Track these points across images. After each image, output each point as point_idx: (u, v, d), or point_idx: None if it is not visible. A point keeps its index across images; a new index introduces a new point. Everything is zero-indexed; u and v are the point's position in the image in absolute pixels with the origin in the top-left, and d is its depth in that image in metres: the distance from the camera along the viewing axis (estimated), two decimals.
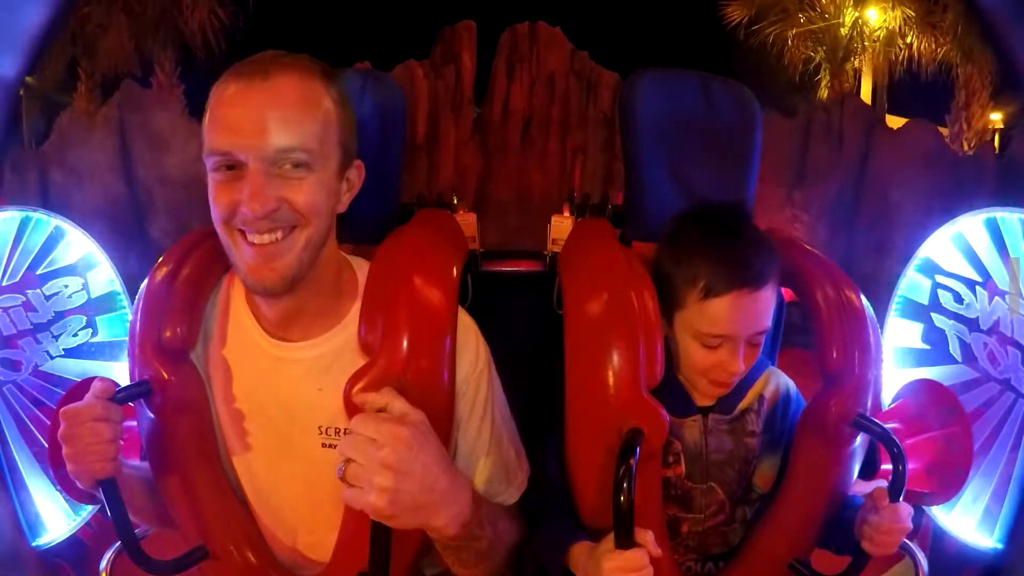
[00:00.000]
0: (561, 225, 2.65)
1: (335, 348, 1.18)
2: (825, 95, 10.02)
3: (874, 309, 1.36)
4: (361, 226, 1.28)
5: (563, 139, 6.54)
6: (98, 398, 1.08)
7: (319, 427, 1.18)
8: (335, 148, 1.11)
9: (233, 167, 1.05)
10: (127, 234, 5.02)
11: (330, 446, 1.17)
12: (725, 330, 1.22)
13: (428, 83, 6.33)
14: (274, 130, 1.04)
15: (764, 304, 1.23)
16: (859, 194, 5.88)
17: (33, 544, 1.71)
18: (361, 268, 1.24)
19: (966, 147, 8.20)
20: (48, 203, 5.00)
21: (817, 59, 10.46)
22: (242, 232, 1.07)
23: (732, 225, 1.26)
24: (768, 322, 1.25)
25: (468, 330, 1.23)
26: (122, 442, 1.11)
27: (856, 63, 10.43)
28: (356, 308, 1.19)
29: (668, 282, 1.27)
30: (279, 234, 1.07)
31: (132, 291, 1.87)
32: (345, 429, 1.12)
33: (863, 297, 1.33)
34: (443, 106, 6.37)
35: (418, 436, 0.98)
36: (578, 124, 6.52)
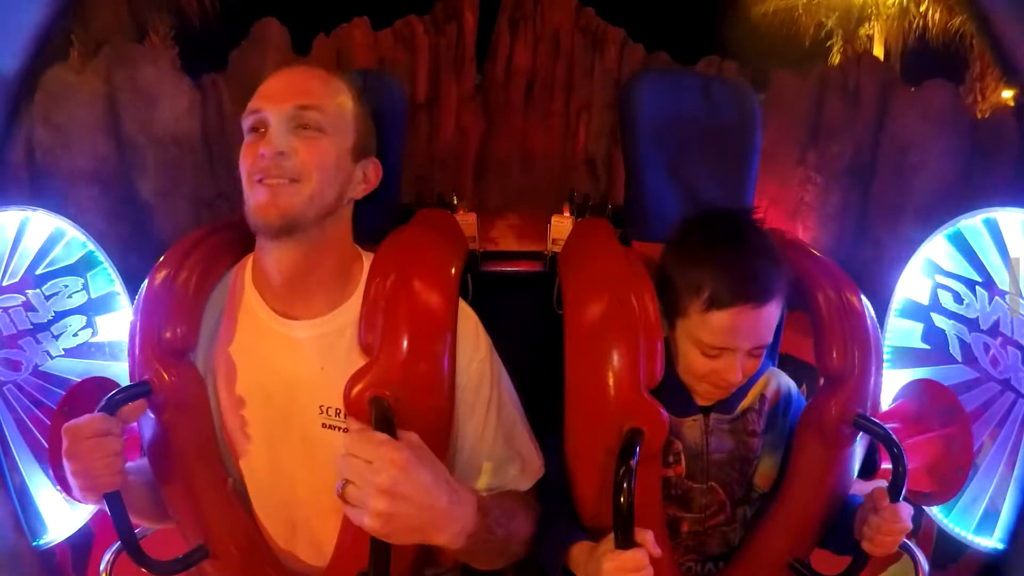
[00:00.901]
0: (561, 225, 2.63)
1: (338, 328, 1.21)
2: (837, 61, 9.78)
3: (874, 308, 1.36)
4: (361, 226, 1.29)
5: (567, 97, 6.40)
6: (99, 411, 1.09)
7: (320, 406, 1.20)
8: (350, 127, 1.22)
9: (260, 128, 1.18)
10: (116, 195, 4.86)
11: (330, 427, 1.19)
12: (726, 342, 1.21)
13: (429, 40, 6.19)
14: (295, 94, 1.19)
15: (768, 319, 1.21)
16: (875, 154, 5.66)
17: (33, 544, 1.71)
18: (369, 257, 1.27)
19: (980, 118, 8.06)
20: (34, 163, 4.88)
21: (829, 24, 10.24)
22: (260, 181, 1.17)
23: (740, 234, 1.24)
24: (770, 336, 1.23)
25: (468, 319, 1.24)
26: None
27: (869, 29, 10.19)
28: (360, 291, 1.22)
29: (671, 287, 1.26)
30: (285, 180, 1.16)
31: (132, 291, 1.87)
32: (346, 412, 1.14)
33: (863, 298, 1.34)
34: (444, 64, 6.23)
35: (414, 458, 0.99)
36: (583, 82, 6.38)
